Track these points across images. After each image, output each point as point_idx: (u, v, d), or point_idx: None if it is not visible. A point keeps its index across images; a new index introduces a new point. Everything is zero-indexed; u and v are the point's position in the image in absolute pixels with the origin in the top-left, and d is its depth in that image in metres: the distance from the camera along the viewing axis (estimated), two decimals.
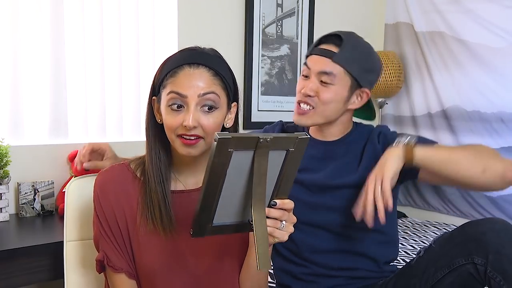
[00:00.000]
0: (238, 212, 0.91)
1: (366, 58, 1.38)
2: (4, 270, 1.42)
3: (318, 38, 1.42)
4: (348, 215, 1.34)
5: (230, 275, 1.11)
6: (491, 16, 2.67)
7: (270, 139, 0.83)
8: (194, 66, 1.00)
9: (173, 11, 2.31)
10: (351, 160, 1.40)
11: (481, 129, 2.74)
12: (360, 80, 1.36)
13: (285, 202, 0.91)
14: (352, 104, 1.40)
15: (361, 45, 1.39)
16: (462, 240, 1.21)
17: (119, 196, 1.07)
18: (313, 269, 1.39)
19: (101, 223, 1.07)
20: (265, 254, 0.86)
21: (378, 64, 1.42)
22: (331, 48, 1.36)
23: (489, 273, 1.13)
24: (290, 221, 0.93)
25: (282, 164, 0.89)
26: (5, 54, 1.84)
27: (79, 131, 2.03)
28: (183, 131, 0.99)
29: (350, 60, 1.34)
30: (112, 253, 1.06)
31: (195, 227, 0.88)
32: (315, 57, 1.38)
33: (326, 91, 1.35)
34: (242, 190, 0.88)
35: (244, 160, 0.84)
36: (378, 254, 1.41)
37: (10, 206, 1.78)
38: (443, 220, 2.90)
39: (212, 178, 0.84)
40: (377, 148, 1.38)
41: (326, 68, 1.34)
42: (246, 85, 2.61)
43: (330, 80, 1.34)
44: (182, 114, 0.99)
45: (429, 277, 1.25)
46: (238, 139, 0.82)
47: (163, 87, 1.02)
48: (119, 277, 1.06)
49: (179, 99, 0.99)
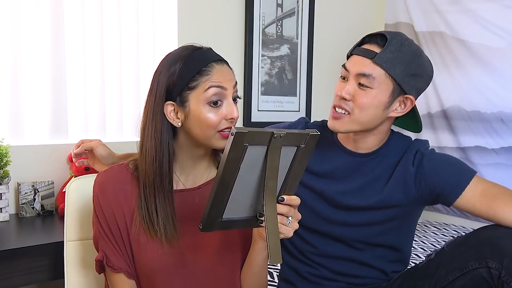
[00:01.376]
0: (247, 207, 0.92)
1: (413, 60, 1.23)
2: (4, 270, 1.42)
3: (362, 37, 1.28)
4: (364, 232, 1.33)
5: (230, 273, 1.11)
6: (491, 16, 2.67)
7: (283, 135, 0.85)
8: (219, 63, 1.04)
9: (173, 11, 2.31)
10: (378, 177, 1.31)
11: (481, 129, 2.74)
12: (403, 85, 1.23)
13: (292, 198, 0.92)
14: (394, 111, 1.27)
15: (408, 46, 1.23)
16: (476, 243, 1.19)
17: (118, 196, 1.07)
18: (321, 271, 1.38)
19: (100, 223, 1.07)
20: (277, 247, 0.87)
21: (427, 69, 1.27)
22: (373, 48, 1.23)
23: (503, 277, 1.12)
24: (295, 217, 0.94)
25: (292, 160, 0.90)
26: (5, 54, 1.84)
27: (79, 131, 2.03)
28: (226, 125, 1.02)
29: (393, 61, 1.21)
30: (111, 253, 1.06)
31: (205, 222, 0.89)
32: (355, 57, 1.26)
33: (363, 95, 1.23)
34: (252, 185, 0.89)
35: (257, 154, 0.86)
36: (387, 267, 1.39)
37: (10, 206, 1.78)
38: (443, 220, 2.90)
39: (226, 172, 0.85)
40: (409, 171, 1.28)
41: (365, 70, 1.22)
42: (246, 85, 2.61)
43: (369, 83, 1.22)
44: (221, 109, 1.02)
45: (439, 280, 1.22)
46: (254, 134, 0.83)
47: (193, 88, 1.01)
48: (118, 277, 1.06)
49: (220, 93, 1.02)
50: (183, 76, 1.01)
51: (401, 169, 1.29)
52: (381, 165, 1.32)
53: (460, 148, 2.82)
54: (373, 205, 1.30)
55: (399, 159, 1.31)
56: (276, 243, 0.87)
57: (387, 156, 1.32)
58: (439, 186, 1.26)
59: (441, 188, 1.26)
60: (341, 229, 1.34)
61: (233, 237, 1.10)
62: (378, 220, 1.32)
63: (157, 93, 1.03)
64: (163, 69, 1.04)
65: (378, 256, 1.36)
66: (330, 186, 1.34)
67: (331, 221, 1.34)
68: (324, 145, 1.36)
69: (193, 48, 1.05)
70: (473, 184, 1.24)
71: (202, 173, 1.13)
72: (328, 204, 1.34)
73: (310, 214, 1.33)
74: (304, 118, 1.49)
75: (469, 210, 1.26)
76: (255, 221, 0.93)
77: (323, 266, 1.38)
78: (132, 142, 1.12)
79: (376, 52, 1.22)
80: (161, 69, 1.04)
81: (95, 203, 1.08)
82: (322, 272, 1.38)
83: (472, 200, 1.24)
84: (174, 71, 1.02)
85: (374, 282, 1.38)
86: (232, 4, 2.54)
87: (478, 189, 1.24)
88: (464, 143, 2.80)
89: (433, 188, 1.27)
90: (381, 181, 1.31)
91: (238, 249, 1.12)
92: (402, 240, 1.39)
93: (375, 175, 1.32)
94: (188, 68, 1.01)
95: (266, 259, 1.08)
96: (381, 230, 1.34)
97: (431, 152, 1.32)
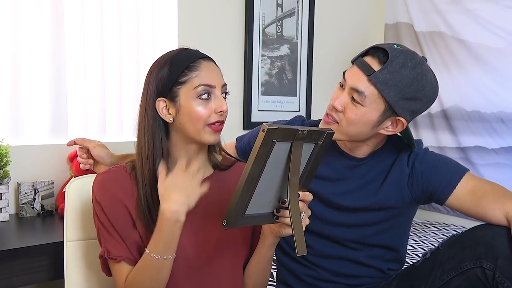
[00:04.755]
0: (266, 203, 0.94)
1: (411, 84, 1.17)
2: (4, 270, 1.42)
3: (369, 47, 1.23)
4: (360, 232, 1.34)
5: (230, 268, 1.13)
6: (491, 16, 2.67)
7: (306, 132, 0.89)
8: (207, 59, 1.08)
9: (173, 11, 2.31)
10: (373, 179, 1.31)
11: (481, 129, 2.74)
12: (396, 107, 1.19)
13: (306, 194, 0.97)
14: (384, 129, 1.25)
15: (410, 69, 1.17)
16: (471, 243, 1.18)
17: (118, 192, 1.07)
18: (318, 273, 1.38)
19: (99, 217, 1.07)
20: (302, 239, 0.91)
21: (428, 93, 1.21)
22: (373, 64, 1.18)
23: (498, 278, 1.12)
24: (307, 213, 0.99)
25: (309, 157, 0.94)
26: (5, 54, 1.84)
27: (79, 131, 2.02)
28: (216, 119, 1.06)
29: (389, 83, 1.16)
30: (111, 244, 1.06)
31: (229, 218, 0.90)
32: (355, 68, 1.22)
33: (353, 110, 1.20)
34: (275, 181, 0.92)
35: (282, 151, 0.89)
36: (384, 266, 1.39)
37: (10, 206, 1.78)
38: (443, 220, 2.90)
39: (255, 168, 0.87)
40: (404, 171, 1.28)
41: (359, 86, 1.19)
42: (246, 85, 2.61)
43: (360, 100, 1.19)
44: (211, 103, 1.06)
45: (435, 280, 1.22)
46: (282, 130, 0.86)
47: (182, 83, 1.05)
48: (119, 266, 1.07)
49: (208, 89, 1.05)
50: (173, 72, 1.06)
51: (395, 170, 1.30)
52: (376, 167, 1.32)
53: (460, 148, 2.82)
54: (368, 206, 1.31)
55: (393, 161, 1.31)
56: (301, 236, 0.91)
57: (382, 158, 1.32)
58: (431, 185, 1.26)
59: (433, 187, 1.26)
60: (336, 229, 1.35)
61: (233, 233, 1.10)
62: (374, 221, 1.33)
63: (149, 91, 1.08)
64: (154, 70, 1.10)
65: (374, 256, 1.37)
66: (325, 187, 1.34)
67: (326, 222, 1.35)
68: None
69: (181, 49, 1.11)
70: (464, 182, 1.24)
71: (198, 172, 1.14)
72: (324, 205, 1.34)
73: None
74: (300, 116, 1.49)
75: (460, 208, 1.25)
76: (271, 217, 0.96)
77: (320, 267, 1.38)
78: (132, 142, 1.13)
79: (374, 69, 1.18)
80: (152, 70, 1.10)
81: (93, 201, 1.08)
82: (320, 274, 1.38)
83: (463, 197, 1.23)
84: (164, 69, 1.07)
85: (372, 282, 1.39)
86: (232, 4, 2.54)
87: (469, 186, 1.23)
88: (464, 143, 2.80)
89: (426, 188, 1.27)
90: (376, 183, 1.31)
91: (238, 244, 1.13)
92: (397, 239, 1.40)
93: (370, 177, 1.32)
94: (177, 64, 1.06)
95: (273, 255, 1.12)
96: (376, 231, 1.34)
97: (425, 153, 1.31)
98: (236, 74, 2.59)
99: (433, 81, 1.23)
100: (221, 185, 1.14)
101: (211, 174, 1.16)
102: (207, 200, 1.08)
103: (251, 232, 1.16)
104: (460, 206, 1.25)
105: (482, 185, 1.25)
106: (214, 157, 1.17)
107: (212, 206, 1.11)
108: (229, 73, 2.55)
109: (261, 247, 1.10)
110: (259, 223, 0.98)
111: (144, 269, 1.02)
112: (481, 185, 1.24)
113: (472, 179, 1.25)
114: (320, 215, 1.34)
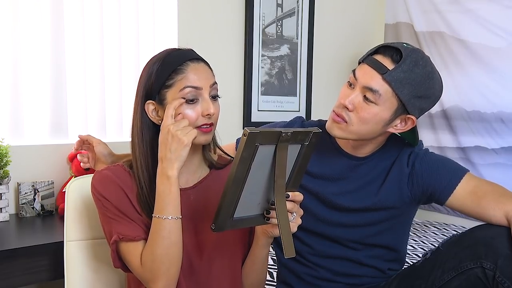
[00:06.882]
0: (255, 205, 0.95)
1: (423, 82, 1.19)
2: (4, 270, 1.42)
3: (378, 46, 1.23)
4: (360, 232, 1.34)
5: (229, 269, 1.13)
6: (491, 16, 2.67)
7: (290, 133, 0.89)
8: (195, 61, 1.06)
9: (173, 11, 2.31)
10: (374, 180, 1.31)
11: (481, 129, 2.74)
12: (408, 105, 1.20)
13: (296, 194, 0.96)
14: (393, 128, 1.25)
15: (422, 67, 1.19)
16: (471, 243, 1.18)
17: (120, 185, 1.07)
18: (318, 272, 1.39)
19: (104, 207, 1.06)
20: (290, 242, 0.91)
21: (436, 91, 1.24)
22: (386, 63, 1.19)
23: (498, 278, 1.12)
24: (299, 213, 0.99)
25: (296, 158, 0.94)
26: (5, 54, 1.84)
27: (79, 131, 2.02)
28: (204, 121, 1.05)
29: (404, 82, 1.17)
30: (123, 227, 1.05)
31: (217, 222, 0.91)
32: (366, 67, 1.21)
33: (366, 109, 1.20)
34: (261, 183, 0.92)
35: (266, 153, 0.89)
36: (384, 266, 1.39)
37: (10, 206, 1.78)
38: (443, 220, 2.90)
39: (239, 172, 0.87)
40: (404, 171, 1.28)
41: (373, 85, 1.18)
42: (246, 85, 2.61)
43: (374, 99, 1.19)
44: (198, 106, 1.04)
45: (435, 280, 1.23)
46: (265, 133, 0.86)
47: (169, 87, 1.04)
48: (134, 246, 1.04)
49: (194, 92, 1.03)
50: (160, 75, 1.05)
51: (395, 170, 1.30)
52: (376, 167, 1.32)
53: (460, 148, 2.82)
54: (368, 206, 1.31)
55: (393, 161, 1.31)
56: (289, 238, 0.91)
57: (383, 159, 1.32)
58: (431, 186, 1.26)
59: (433, 188, 1.26)
60: (336, 229, 1.35)
61: (233, 232, 1.10)
62: (373, 221, 1.33)
63: (139, 93, 1.08)
64: (143, 72, 1.09)
65: (375, 256, 1.37)
66: (325, 187, 1.34)
67: (326, 222, 1.35)
68: (320, 146, 1.35)
69: (172, 49, 1.10)
70: (464, 182, 1.24)
71: (194, 172, 1.14)
72: (324, 205, 1.34)
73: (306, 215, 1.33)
74: (300, 117, 1.48)
75: (460, 208, 1.25)
76: (262, 218, 0.96)
77: (320, 267, 1.38)
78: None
79: (388, 68, 1.17)
80: (142, 73, 1.09)
81: (95, 198, 1.08)
82: (320, 273, 1.38)
83: (462, 198, 1.23)
84: (152, 71, 1.06)
85: (372, 281, 1.39)
86: (232, 4, 2.54)
87: (469, 186, 1.24)
88: (464, 143, 2.80)
89: (425, 189, 1.27)
90: (376, 184, 1.31)
91: (237, 244, 1.14)
92: (397, 239, 1.40)
93: (370, 178, 1.32)
94: (164, 67, 1.05)
95: (268, 255, 1.13)
96: (376, 231, 1.34)
97: (425, 153, 1.31)
98: (236, 74, 2.59)
99: (440, 79, 1.25)
100: (219, 184, 1.14)
101: (207, 174, 1.16)
102: (205, 200, 1.08)
103: (248, 232, 1.17)
104: (460, 207, 1.25)
105: (482, 185, 1.25)
106: (210, 156, 1.17)
107: (211, 206, 1.10)
108: (229, 73, 2.56)
109: (255, 247, 1.11)
110: (249, 225, 0.98)
111: (154, 235, 1.02)
112: (481, 186, 1.25)
113: (472, 179, 1.26)
114: (321, 216, 1.34)
